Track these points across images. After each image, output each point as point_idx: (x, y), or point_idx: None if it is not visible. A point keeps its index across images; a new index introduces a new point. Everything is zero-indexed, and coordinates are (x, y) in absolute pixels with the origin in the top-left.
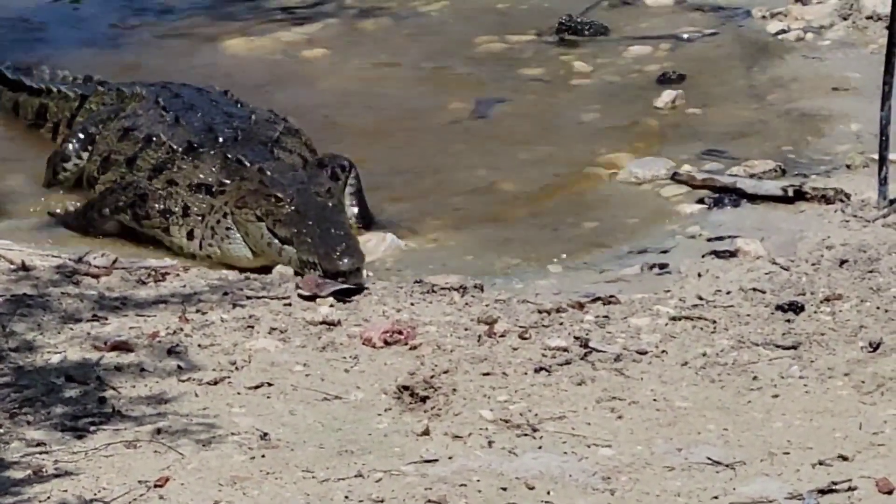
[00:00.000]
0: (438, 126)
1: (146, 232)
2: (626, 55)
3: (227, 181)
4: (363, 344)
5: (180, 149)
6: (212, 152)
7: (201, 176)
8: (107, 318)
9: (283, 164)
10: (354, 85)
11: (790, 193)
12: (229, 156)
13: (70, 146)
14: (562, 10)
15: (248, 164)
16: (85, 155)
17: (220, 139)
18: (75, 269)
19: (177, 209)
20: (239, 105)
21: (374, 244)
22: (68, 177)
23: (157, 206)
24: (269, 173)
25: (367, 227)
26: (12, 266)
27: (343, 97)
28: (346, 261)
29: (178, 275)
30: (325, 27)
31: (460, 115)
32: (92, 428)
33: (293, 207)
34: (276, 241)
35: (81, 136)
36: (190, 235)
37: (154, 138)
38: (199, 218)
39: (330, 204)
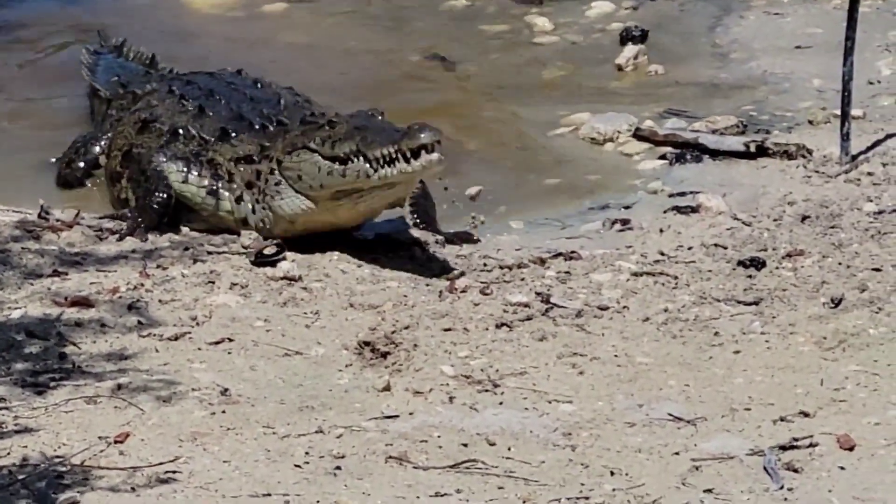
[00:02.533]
0: (400, 82)
1: (194, 201)
2: (589, 13)
3: (268, 144)
4: None
5: (213, 138)
6: (248, 135)
7: (241, 152)
8: (67, 274)
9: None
10: (315, 40)
11: (752, 149)
12: (270, 128)
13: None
14: None
15: (287, 122)
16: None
17: (256, 126)
18: (36, 224)
19: (222, 174)
20: (259, 86)
21: None
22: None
23: (204, 172)
24: (311, 113)
25: None
26: None
27: (305, 52)
28: (426, 133)
29: None
30: None
31: (422, 72)
32: (52, 384)
33: (351, 125)
34: (337, 164)
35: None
36: (239, 200)
37: (181, 131)
38: (245, 186)
39: (386, 119)
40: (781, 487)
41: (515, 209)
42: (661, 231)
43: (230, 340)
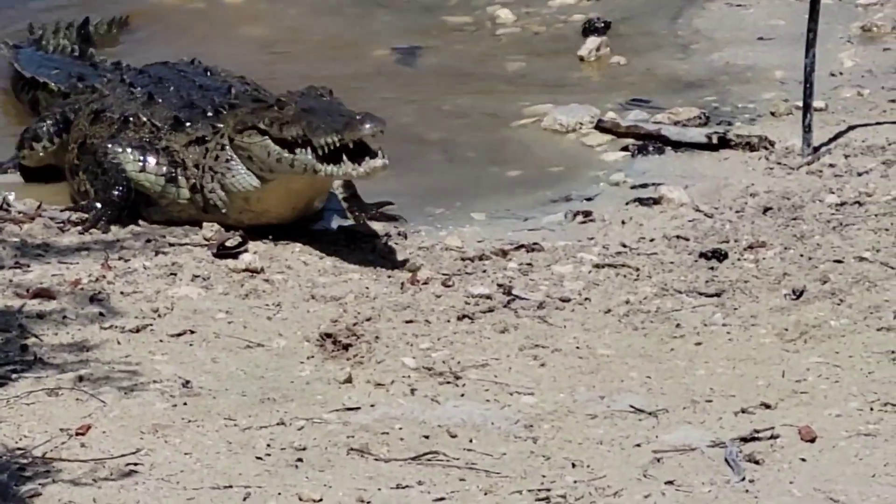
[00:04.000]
0: (362, 74)
1: (153, 190)
2: (552, 4)
3: (220, 125)
4: None
5: (166, 126)
6: (201, 121)
7: (194, 137)
8: (29, 266)
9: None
10: (276, 33)
11: (714, 141)
12: (217, 125)
13: (44, 127)
14: None
15: (238, 103)
16: (57, 140)
17: (209, 114)
18: None
19: (178, 161)
20: (210, 74)
21: None
22: (34, 157)
23: (161, 160)
24: (263, 93)
25: None
26: None
27: (265, 45)
28: (368, 125)
29: None
30: None
31: (384, 64)
32: (13, 376)
33: (300, 107)
34: (286, 152)
35: (58, 118)
36: (195, 187)
37: (131, 119)
38: (196, 169)
39: (336, 100)
40: (743, 479)
41: (477, 201)
42: (623, 223)
43: (192, 332)
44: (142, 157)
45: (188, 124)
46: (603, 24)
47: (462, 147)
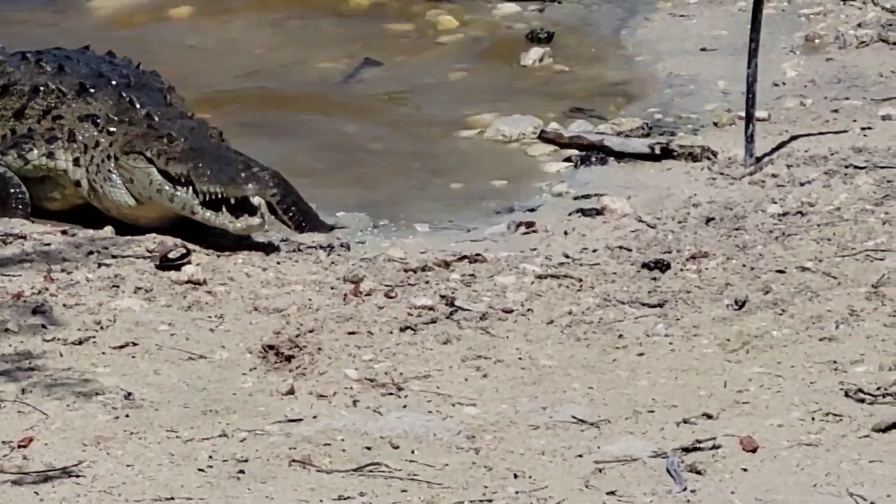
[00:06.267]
0: (306, 85)
1: (33, 173)
2: (495, 13)
3: (115, 119)
4: None
5: (72, 92)
6: (105, 91)
7: (90, 110)
8: None
9: (175, 110)
10: (221, 45)
11: (657, 151)
12: (123, 94)
13: None
14: None
15: (138, 107)
16: None
17: (114, 82)
18: None
19: (61, 135)
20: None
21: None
22: None
23: (42, 137)
24: (157, 118)
25: None
26: None
27: (210, 57)
28: (251, 185)
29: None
30: None
31: (328, 75)
32: None
33: (188, 145)
34: (168, 186)
35: None
36: (76, 162)
37: (42, 87)
38: (84, 147)
39: (224, 145)
40: (684, 489)
41: (420, 211)
42: (566, 233)
43: (134, 344)
44: (25, 148)
45: (91, 90)
46: (546, 35)
47: (405, 157)
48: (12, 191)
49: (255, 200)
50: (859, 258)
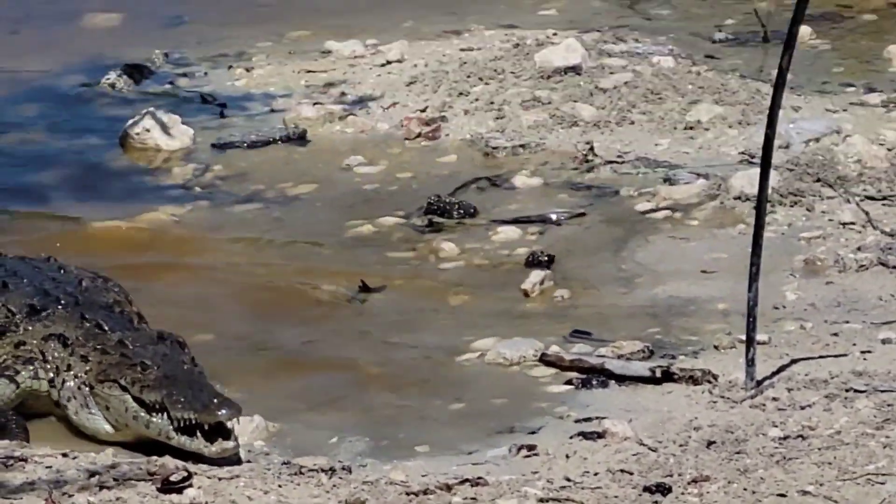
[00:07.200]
0: (307, 308)
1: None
2: (495, 238)
3: (86, 343)
4: None
5: (21, 313)
6: (62, 312)
7: (54, 330)
8: None
9: (144, 334)
10: (223, 272)
11: (658, 374)
12: (87, 316)
13: None
14: (430, 191)
15: (107, 331)
16: None
17: (63, 301)
18: None
19: (36, 355)
20: (63, 271)
21: (241, 426)
22: None
23: (19, 359)
24: (130, 346)
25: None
26: None
27: (213, 281)
28: (224, 411)
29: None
30: (193, 210)
31: (328, 298)
32: None
33: (162, 373)
34: (143, 413)
35: None
36: (52, 383)
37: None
38: (55, 368)
39: (196, 370)
40: None
41: (421, 434)
42: (568, 457)
43: None
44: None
45: (43, 312)
46: (547, 258)
47: (405, 380)
48: (10, 414)
49: (229, 424)
50: (860, 482)
